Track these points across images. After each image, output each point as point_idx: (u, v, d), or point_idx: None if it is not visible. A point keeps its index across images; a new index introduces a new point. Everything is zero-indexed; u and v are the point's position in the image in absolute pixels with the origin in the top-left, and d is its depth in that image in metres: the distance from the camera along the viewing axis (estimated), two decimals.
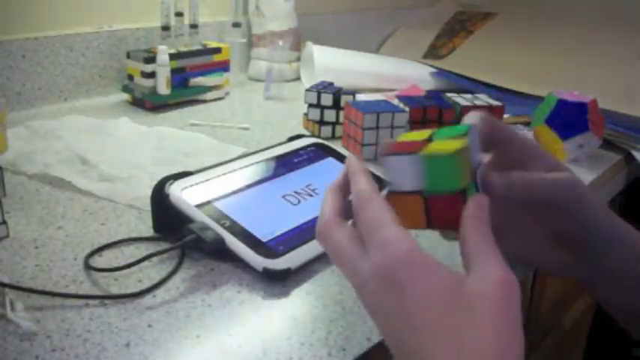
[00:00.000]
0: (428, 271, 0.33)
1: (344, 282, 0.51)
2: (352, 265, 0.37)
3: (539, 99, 0.93)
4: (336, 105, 0.86)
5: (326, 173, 0.65)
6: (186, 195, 0.54)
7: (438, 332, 0.32)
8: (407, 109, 0.81)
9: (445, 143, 0.38)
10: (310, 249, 0.53)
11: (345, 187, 0.41)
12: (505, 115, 0.91)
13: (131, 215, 0.61)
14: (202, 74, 1.01)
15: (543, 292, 0.90)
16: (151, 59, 0.94)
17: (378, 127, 0.78)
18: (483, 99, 0.87)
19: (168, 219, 0.55)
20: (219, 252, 0.52)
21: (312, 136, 0.78)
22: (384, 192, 0.40)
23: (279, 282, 0.50)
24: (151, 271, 0.51)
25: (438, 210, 0.39)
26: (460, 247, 0.36)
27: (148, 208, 0.57)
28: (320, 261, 0.54)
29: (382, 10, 1.54)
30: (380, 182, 0.41)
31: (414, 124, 0.82)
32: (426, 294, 0.33)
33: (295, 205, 0.58)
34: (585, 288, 0.48)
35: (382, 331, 0.36)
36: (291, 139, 0.70)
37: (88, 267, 0.51)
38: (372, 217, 0.36)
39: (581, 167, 0.83)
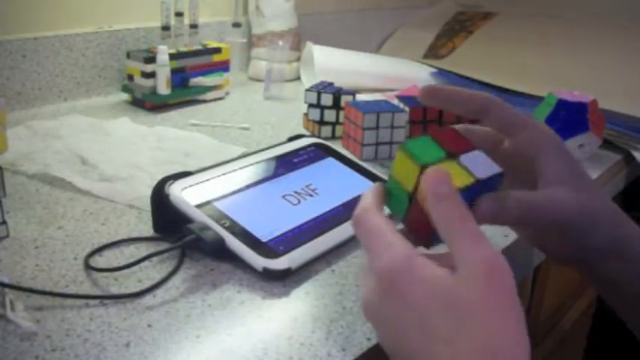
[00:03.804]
0: (425, 274, 0.34)
1: (344, 282, 0.51)
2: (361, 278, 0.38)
3: (539, 99, 0.93)
4: (336, 105, 0.86)
5: (326, 173, 0.65)
6: (186, 195, 0.54)
7: (434, 336, 0.32)
8: (407, 109, 0.81)
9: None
10: (310, 249, 0.53)
11: None
12: None
13: (131, 215, 0.61)
14: (202, 74, 1.01)
15: (544, 291, 0.90)
16: (151, 59, 0.94)
17: (378, 127, 0.78)
18: None
19: (168, 219, 0.55)
20: (219, 252, 0.51)
21: (312, 136, 0.78)
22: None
23: (279, 282, 0.50)
24: (151, 271, 0.51)
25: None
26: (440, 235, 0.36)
27: (148, 208, 0.57)
28: (320, 261, 0.54)
29: (382, 10, 1.54)
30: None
31: (414, 124, 0.82)
32: (423, 297, 0.33)
33: (295, 205, 0.58)
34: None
35: (381, 335, 0.36)
36: (291, 139, 0.70)
37: (88, 267, 0.51)
38: (371, 226, 0.37)
39: None
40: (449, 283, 0.33)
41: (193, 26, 1.02)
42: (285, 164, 0.64)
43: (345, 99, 0.85)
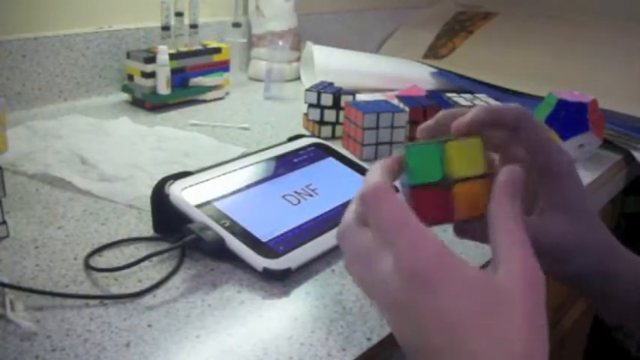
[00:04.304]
0: (459, 270, 0.33)
1: (344, 282, 0.51)
2: (368, 265, 0.36)
3: (539, 99, 0.93)
4: (336, 105, 0.86)
5: (326, 173, 0.65)
6: (186, 195, 0.54)
7: (471, 329, 0.32)
8: (407, 109, 0.81)
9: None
10: (310, 249, 0.53)
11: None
12: None
13: (131, 215, 0.61)
14: (202, 74, 1.01)
15: None
16: (150, 59, 0.94)
17: (378, 127, 0.78)
18: (483, 99, 0.87)
19: (168, 219, 0.55)
20: (219, 252, 0.51)
21: (312, 136, 0.78)
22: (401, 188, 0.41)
23: (279, 282, 0.50)
24: (151, 271, 0.51)
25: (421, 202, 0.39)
26: (489, 231, 0.36)
27: (148, 208, 0.57)
28: (320, 261, 0.54)
29: (382, 10, 1.54)
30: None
31: (414, 124, 0.82)
32: (460, 292, 0.33)
33: (295, 205, 0.58)
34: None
35: (401, 330, 0.35)
36: (291, 139, 0.70)
37: (88, 267, 0.51)
38: (393, 216, 0.35)
39: (581, 167, 0.83)
40: (489, 279, 0.33)
41: (193, 26, 1.02)
42: (285, 164, 0.64)
43: (345, 99, 0.85)
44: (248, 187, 0.59)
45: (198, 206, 0.54)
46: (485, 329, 0.32)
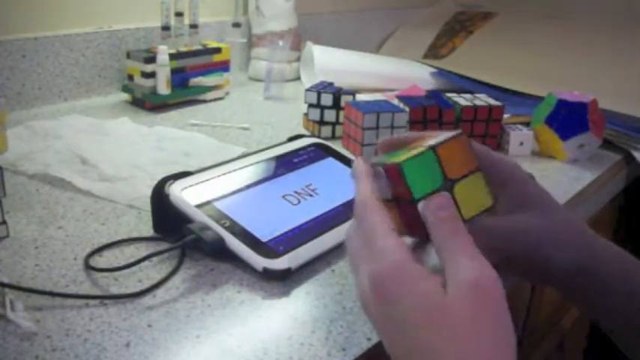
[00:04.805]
0: (413, 284, 0.33)
1: (344, 282, 0.51)
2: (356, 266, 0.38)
3: (539, 99, 0.93)
4: (336, 105, 0.86)
5: (326, 173, 0.65)
6: (186, 195, 0.54)
7: (421, 348, 0.33)
8: (407, 109, 0.81)
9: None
10: (310, 249, 0.53)
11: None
12: (505, 115, 0.91)
13: (131, 215, 0.61)
14: (202, 74, 1.01)
15: (544, 291, 0.90)
16: (151, 59, 0.94)
17: (378, 127, 0.78)
18: (483, 99, 0.87)
19: (168, 219, 0.55)
20: (219, 252, 0.51)
21: (312, 136, 0.78)
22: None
23: (279, 282, 0.50)
24: (151, 271, 0.51)
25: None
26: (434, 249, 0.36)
27: (148, 208, 0.57)
28: (320, 261, 0.54)
29: (382, 10, 1.54)
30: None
31: (414, 124, 0.82)
32: (410, 308, 0.33)
33: (295, 205, 0.58)
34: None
35: (377, 332, 0.37)
36: (291, 139, 0.70)
37: (88, 267, 0.51)
38: (370, 226, 0.37)
39: (581, 167, 0.83)
40: (438, 299, 0.33)
41: (193, 26, 1.02)
42: (285, 164, 0.64)
43: (345, 99, 0.85)
44: (248, 187, 0.59)
45: (198, 206, 0.54)
46: (434, 347, 0.32)
